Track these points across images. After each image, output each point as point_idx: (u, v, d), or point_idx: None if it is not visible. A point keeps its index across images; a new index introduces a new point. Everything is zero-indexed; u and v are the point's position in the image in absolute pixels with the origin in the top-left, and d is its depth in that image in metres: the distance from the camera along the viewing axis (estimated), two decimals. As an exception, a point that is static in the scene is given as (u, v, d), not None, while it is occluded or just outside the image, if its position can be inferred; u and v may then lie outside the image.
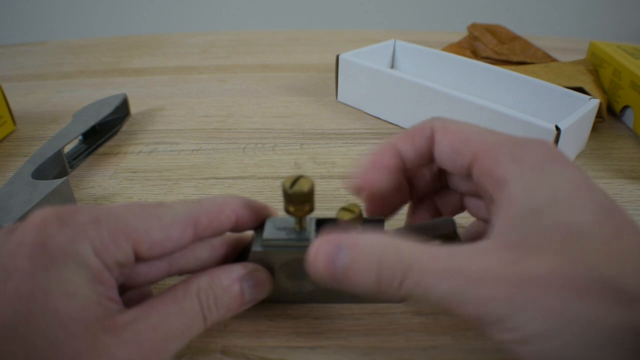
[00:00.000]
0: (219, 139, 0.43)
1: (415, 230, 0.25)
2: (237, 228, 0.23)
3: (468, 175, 0.22)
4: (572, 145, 0.38)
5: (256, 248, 0.23)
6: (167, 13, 1.33)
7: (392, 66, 0.54)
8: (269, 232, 0.23)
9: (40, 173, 0.33)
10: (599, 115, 0.41)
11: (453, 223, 0.25)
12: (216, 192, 0.35)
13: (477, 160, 0.21)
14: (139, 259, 0.20)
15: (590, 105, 0.38)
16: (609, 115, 0.47)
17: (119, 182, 0.37)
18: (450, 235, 0.25)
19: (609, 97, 0.47)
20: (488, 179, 0.21)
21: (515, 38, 0.60)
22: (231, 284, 0.21)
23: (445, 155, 0.23)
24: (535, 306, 0.17)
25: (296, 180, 0.22)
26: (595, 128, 0.41)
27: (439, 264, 0.18)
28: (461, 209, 0.27)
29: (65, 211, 0.19)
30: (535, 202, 0.18)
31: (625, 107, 0.45)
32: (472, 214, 0.26)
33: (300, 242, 0.23)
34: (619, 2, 1.30)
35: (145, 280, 0.22)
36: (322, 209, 0.33)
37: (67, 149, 0.38)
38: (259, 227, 0.24)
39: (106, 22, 1.33)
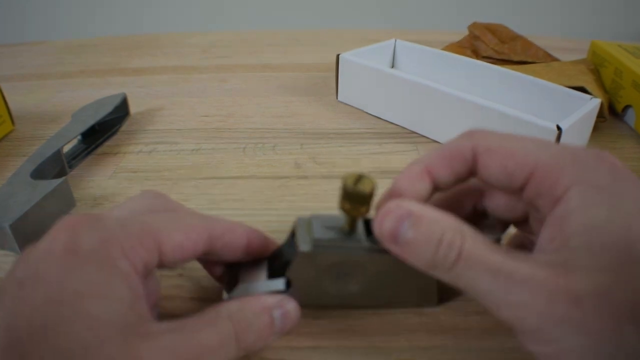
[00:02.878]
0: (219, 138, 0.43)
1: None
2: (248, 254, 0.23)
3: (517, 193, 0.21)
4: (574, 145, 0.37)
5: (305, 248, 0.22)
6: (167, 13, 1.33)
7: (393, 66, 0.54)
8: (318, 231, 0.22)
9: (39, 173, 0.33)
10: (600, 114, 0.41)
11: (499, 233, 0.25)
12: (216, 192, 0.35)
13: (534, 181, 0.20)
14: (160, 263, 0.20)
15: (591, 104, 0.38)
16: (611, 114, 0.47)
17: (119, 182, 0.36)
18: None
19: (611, 96, 0.47)
20: (545, 199, 0.20)
21: (516, 37, 0.60)
22: (262, 311, 0.21)
23: (494, 177, 0.21)
24: (571, 323, 0.16)
25: (359, 178, 0.20)
26: (596, 128, 0.41)
27: (491, 258, 0.18)
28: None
29: (92, 216, 0.19)
30: (592, 220, 0.18)
31: (627, 107, 0.45)
32: (491, 210, 0.25)
33: (353, 244, 0.22)
34: (620, 2, 1.30)
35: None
36: (322, 208, 0.33)
37: (66, 148, 0.38)
38: (292, 232, 0.24)
39: (106, 22, 1.33)
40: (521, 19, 1.05)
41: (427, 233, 0.19)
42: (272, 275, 0.23)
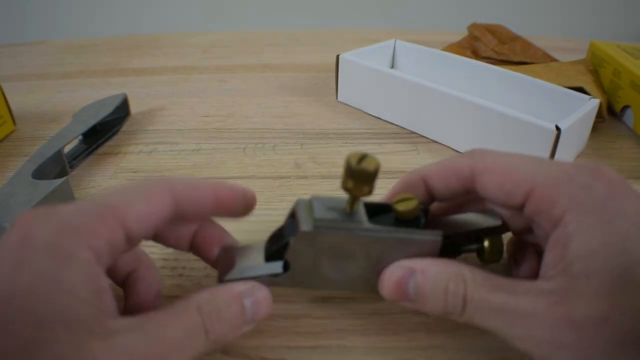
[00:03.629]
0: (219, 139, 0.43)
1: (462, 225, 0.25)
2: (221, 208, 0.23)
3: (517, 210, 0.22)
4: (573, 145, 0.38)
5: (306, 228, 0.21)
6: (167, 13, 1.33)
7: (393, 66, 0.54)
8: (319, 212, 0.22)
9: (40, 173, 0.33)
10: (599, 115, 0.41)
11: (500, 219, 0.24)
12: (216, 192, 0.35)
13: (532, 200, 0.20)
14: (129, 236, 0.20)
15: (590, 105, 0.38)
16: (609, 115, 0.47)
17: (119, 182, 0.37)
18: (496, 230, 0.24)
19: (609, 97, 0.47)
20: (544, 218, 0.20)
21: (515, 38, 0.60)
22: (231, 299, 0.20)
23: (493, 195, 0.22)
24: (571, 348, 0.17)
25: (363, 157, 0.20)
26: (595, 128, 0.41)
27: (494, 299, 0.19)
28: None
29: (49, 209, 0.19)
30: (589, 245, 0.18)
31: (626, 107, 0.45)
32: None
33: (355, 225, 0.22)
34: (620, 2, 1.30)
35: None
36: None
37: (67, 148, 0.38)
38: (291, 214, 0.23)
39: (106, 22, 1.33)
40: (521, 19, 1.05)
41: (433, 284, 0.20)
42: (270, 258, 0.23)
